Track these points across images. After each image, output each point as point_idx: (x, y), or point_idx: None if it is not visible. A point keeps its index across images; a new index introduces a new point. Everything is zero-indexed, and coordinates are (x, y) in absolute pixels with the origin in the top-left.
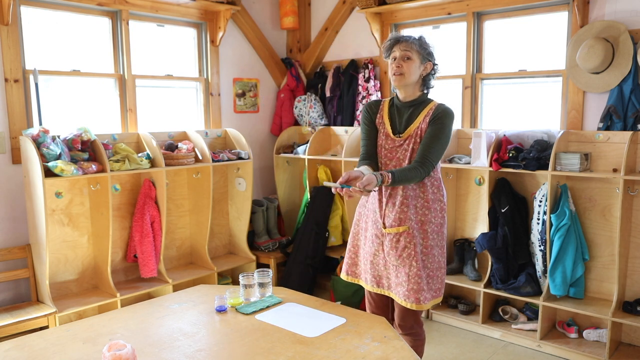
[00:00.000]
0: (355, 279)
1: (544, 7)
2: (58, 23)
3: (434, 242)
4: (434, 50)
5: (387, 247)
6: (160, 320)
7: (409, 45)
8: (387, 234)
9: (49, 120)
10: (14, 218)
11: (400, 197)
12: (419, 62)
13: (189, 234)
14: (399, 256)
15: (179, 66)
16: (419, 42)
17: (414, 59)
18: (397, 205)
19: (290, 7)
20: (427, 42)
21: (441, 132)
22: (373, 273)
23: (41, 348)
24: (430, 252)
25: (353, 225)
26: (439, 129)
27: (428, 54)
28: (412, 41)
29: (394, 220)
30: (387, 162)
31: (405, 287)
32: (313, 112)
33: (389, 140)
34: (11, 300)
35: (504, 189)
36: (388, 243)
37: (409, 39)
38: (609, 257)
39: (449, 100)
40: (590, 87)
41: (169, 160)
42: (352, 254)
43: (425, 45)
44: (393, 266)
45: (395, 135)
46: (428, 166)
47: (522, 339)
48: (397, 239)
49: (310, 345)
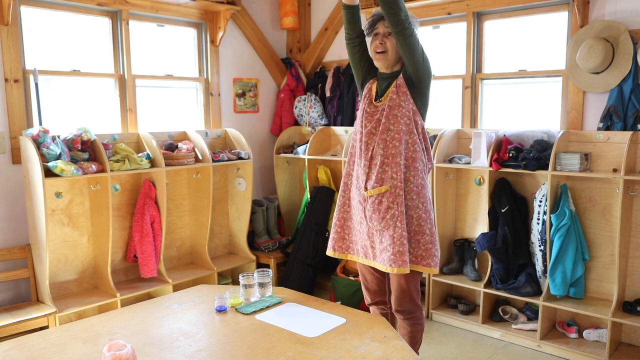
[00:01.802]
0: (343, 253)
1: (544, 7)
2: (58, 23)
3: (412, 202)
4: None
5: (369, 212)
6: (160, 320)
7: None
8: (368, 197)
9: (49, 120)
10: (14, 218)
11: (381, 157)
12: None
13: (189, 234)
14: (382, 218)
15: (179, 66)
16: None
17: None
18: (377, 165)
19: (290, 7)
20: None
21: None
22: (361, 243)
23: (41, 348)
24: (407, 214)
25: (338, 197)
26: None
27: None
28: None
29: (375, 182)
30: (366, 124)
31: (390, 251)
32: (313, 112)
33: (372, 106)
34: (11, 300)
35: (504, 189)
36: (370, 207)
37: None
38: (609, 257)
39: (448, 101)
40: (590, 87)
41: (169, 160)
42: (338, 227)
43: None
44: (377, 232)
45: (376, 101)
46: (407, 14)
47: (522, 339)
48: (380, 201)
49: (310, 345)
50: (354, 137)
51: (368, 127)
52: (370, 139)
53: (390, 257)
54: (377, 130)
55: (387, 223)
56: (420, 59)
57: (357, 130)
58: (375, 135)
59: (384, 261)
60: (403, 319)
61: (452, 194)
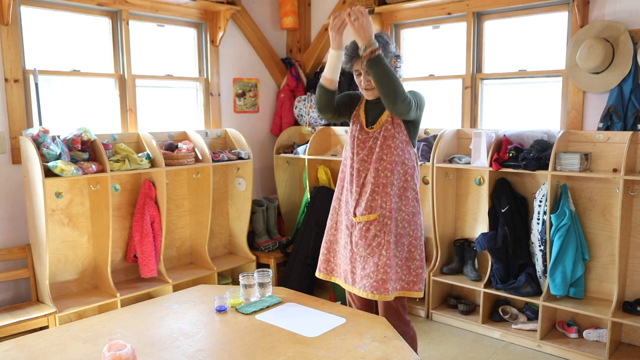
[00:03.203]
0: (328, 276)
1: (544, 7)
2: (58, 23)
3: (404, 230)
4: (390, 41)
5: (356, 237)
6: (160, 320)
7: None
8: (357, 223)
9: (49, 120)
10: (14, 218)
11: (372, 185)
12: None
13: (189, 234)
14: (368, 245)
15: (179, 66)
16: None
17: None
18: (368, 193)
19: (290, 7)
20: (385, 38)
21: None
22: (343, 267)
23: (41, 348)
24: (400, 241)
25: (328, 219)
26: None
27: (390, 53)
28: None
29: (364, 209)
30: (358, 151)
31: (373, 278)
32: (313, 112)
33: (363, 132)
34: (11, 300)
35: (504, 189)
36: (357, 233)
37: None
38: (609, 257)
39: (448, 101)
40: (590, 87)
41: (169, 160)
42: (325, 249)
43: (386, 47)
44: (361, 257)
45: (368, 127)
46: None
47: (522, 339)
48: (367, 228)
49: (310, 345)
50: (344, 162)
51: (360, 154)
52: (362, 167)
53: (372, 283)
54: (369, 159)
55: (372, 250)
56: (415, 114)
57: (347, 155)
58: (368, 163)
59: (364, 287)
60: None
61: (452, 194)
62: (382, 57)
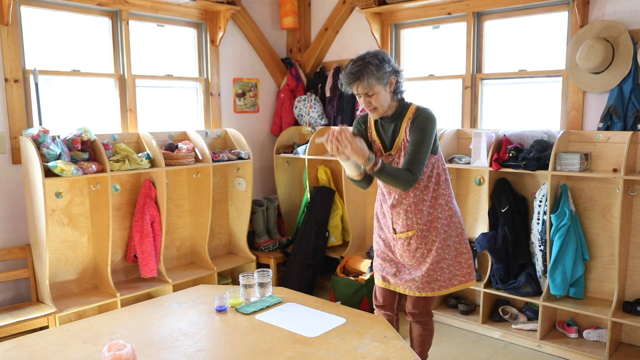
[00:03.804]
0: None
1: (544, 7)
2: (58, 23)
3: (447, 234)
4: (385, 59)
5: (400, 250)
6: (160, 320)
7: (367, 83)
8: (398, 238)
9: (49, 120)
10: (14, 218)
11: (405, 206)
12: (383, 87)
13: (189, 234)
14: (412, 257)
15: (179, 66)
16: (375, 70)
17: (379, 89)
18: (402, 213)
19: (290, 7)
20: (380, 59)
21: (422, 138)
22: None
23: (41, 348)
24: (445, 245)
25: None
26: (419, 136)
27: (387, 73)
28: (367, 77)
29: (402, 227)
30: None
31: (419, 282)
32: (313, 112)
33: (382, 157)
34: (11, 300)
35: (504, 189)
36: (400, 247)
37: (362, 78)
38: (609, 257)
39: (448, 101)
40: (590, 87)
41: (169, 160)
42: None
43: (379, 66)
44: (408, 265)
45: (386, 152)
46: (415, 172)
47: (522, 339)
48: (409, 242)
49: (310, 345)
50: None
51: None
52: (391, 188)
53: (418, 285)
54: None
55: (417, 260)
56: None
57: None
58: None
59: (411, 288)
60: (414, 321)
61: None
62: (383, 167)
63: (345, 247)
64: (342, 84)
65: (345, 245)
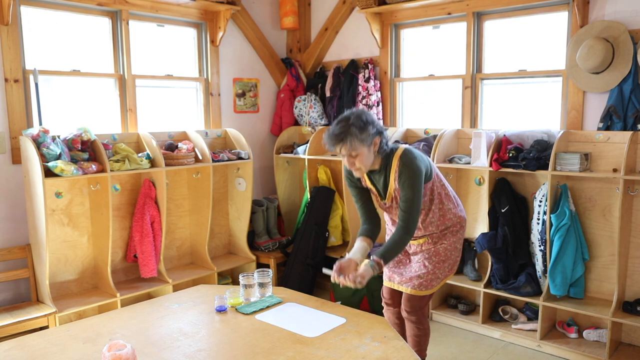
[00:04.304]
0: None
1: (544, 7)
2: (58, 23)
3: (455, 237)
4: (373, 121)
5: (411, 250)
6: (160, 320)
7: (350, 146)
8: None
9: (49, 120)
10: (14, 218)
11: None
12: (367, 148)
13: (189, 234)
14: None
15: (179, 66)
16: (358, 133)
17: (363, 151)
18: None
19: (290, 7)
20: (364, 121)
21: (412, 195)
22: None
23: (41, 348)
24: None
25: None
26: (409, 194)
27: (370, 135)
28: (350, 139)
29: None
30: (386, 213)
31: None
32: (313, 112)
33: (381, 203)
34: (11, 300)
35: (504, 189)
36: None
37: (346, 139)
38: (609, 257)
39: (448, 101)
40: (590, 87)
41: (169, 160)
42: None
43: (363, 128)
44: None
45: (382, 200)
46: (412, 227)
47: (522, 339)
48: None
49: (310, 345)
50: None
51: (390, 214)
52: (396, 218)
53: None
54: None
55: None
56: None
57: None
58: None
59: (413, 285)
60: (407, 320)
61: None
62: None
63: (345, 247)
64: (325, 143)
65: (345, 245)
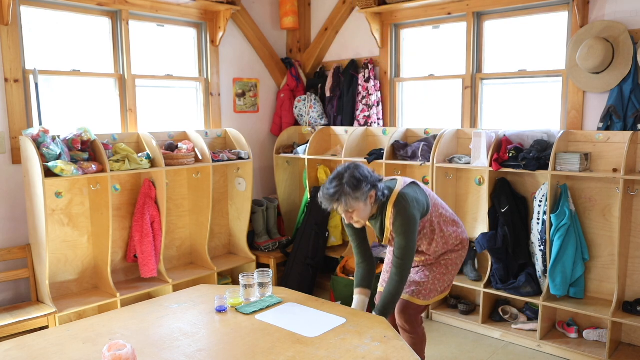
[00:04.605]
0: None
1: (544, 7)
2: (58, 23)
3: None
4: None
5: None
6: (160, 320)
7: (345, 204)
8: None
9: (49, 120)
10: (14, 218)
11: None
12: (364, 203)
13: (189, 234)
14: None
15: (179, 66)
16: (352, 192)
17: (359, 207)
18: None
19: (290, 7)
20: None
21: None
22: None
23: (41, 348)
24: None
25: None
26: (402, 242)
27: (365, 192)
28: (345, 199)
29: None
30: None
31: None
32: (313, 112)
33: (379, 240)
34: (11, 300)
35: (504, 189)
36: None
37: (341, 198)
38: (609, 257)
39: (448, 101)
40: (590, 87)
41: (169, 160)
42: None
43: (356, 186)
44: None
45: (380, 243)
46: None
47: (522, 339)
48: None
49: (310, 345)
50: None
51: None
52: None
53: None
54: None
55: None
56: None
57: None
58: None
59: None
60: (402, 330)
61: (452, 194)
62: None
63: (345, 247)
64: (321, 201)
65: (345, 245)
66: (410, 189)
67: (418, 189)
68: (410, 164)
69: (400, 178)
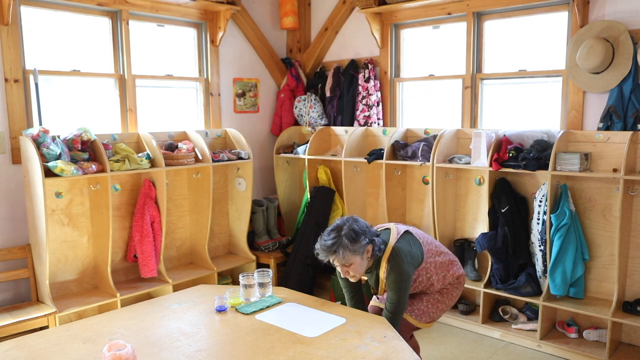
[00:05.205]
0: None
1: (544, 7)
2: (58, 23)
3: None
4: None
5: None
6: (160, 320)
7: (342, 257)
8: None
9: (49, 120)
10: (14, 218)
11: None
12: (360, 257)
13: (189, 234)
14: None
15: (179, 66)
16: (350, 244)
17: (355, 260)
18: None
19: (290, 7)
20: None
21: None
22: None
23: (41, 348)
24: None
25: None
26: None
27: (362, 245)
28: (342, 251)
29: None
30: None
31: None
32: (313, 112)
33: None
34: (11, 300)
35: (504, 189)
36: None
37: (338, 250)
38: (609, 257)
39: (448, 101)
40: (590, 87)
41: (169, 160)
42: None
43: (355, 239)
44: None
45: (375, 295)
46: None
47: (522, 339)
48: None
49: (310, 345)
50: None
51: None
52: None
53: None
54: None
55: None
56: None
57: None
58: None
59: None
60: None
61: (452, 194)
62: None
63: None
64: (317, 253)
65: None
66: (404, 242)
67: (412, 239)
68: (410, 164)
69: (394, 227)
